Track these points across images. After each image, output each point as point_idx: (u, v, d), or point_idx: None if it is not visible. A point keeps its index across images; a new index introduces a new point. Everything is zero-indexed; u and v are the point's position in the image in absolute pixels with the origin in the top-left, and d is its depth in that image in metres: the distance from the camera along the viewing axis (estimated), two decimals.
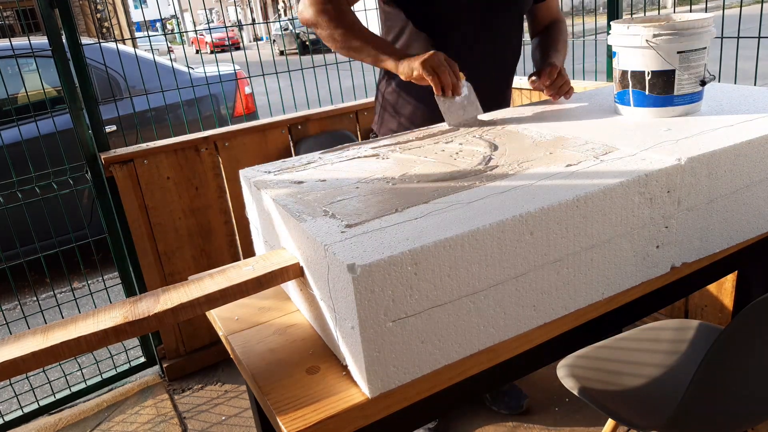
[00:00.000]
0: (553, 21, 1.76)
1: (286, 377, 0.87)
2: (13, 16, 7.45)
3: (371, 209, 0.92)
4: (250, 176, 1.15)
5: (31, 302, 3.36)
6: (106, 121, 2.24)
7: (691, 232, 1.07)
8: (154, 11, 6.23)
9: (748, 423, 1.12)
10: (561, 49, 1.66)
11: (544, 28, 1.76)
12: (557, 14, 1.78)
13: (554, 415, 1.93)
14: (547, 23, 1.76)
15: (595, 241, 0.95)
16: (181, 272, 2.33)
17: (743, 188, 1.12)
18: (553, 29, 1.73)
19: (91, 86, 2.12)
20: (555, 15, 1.77)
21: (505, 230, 0.84)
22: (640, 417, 1.21)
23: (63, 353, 0.81)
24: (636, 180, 0.96)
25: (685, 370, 1.34)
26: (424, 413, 0.90)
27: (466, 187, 0.98)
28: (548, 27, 1.75)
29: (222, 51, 11.30)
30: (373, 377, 0.80)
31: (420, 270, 0.78)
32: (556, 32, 1.72)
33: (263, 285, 0.93)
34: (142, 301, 0.89)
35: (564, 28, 1.75)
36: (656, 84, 1.25)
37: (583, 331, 1.01)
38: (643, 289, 1.05)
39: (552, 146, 1.15)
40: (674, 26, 1.20)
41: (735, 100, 1.35)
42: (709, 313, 2.07)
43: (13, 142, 2.33)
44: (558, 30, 1.73)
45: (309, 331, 0.99)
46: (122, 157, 2.13)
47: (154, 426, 2.16)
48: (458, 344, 0.86)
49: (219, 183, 2.33)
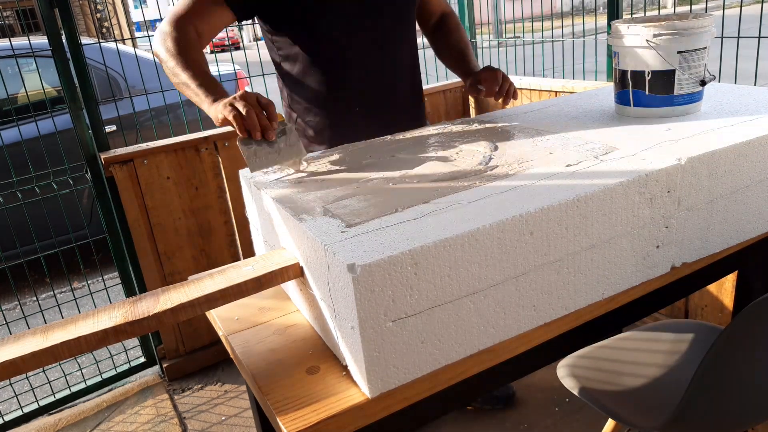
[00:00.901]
0: (445, 14, 1.70)
1: (286, 377, 0.87)
2: (13, 16, 7.45)
3: (371, 209, 0.92)
4: (250, 176, 1.15)
5: (31, 302, 3.35)
6: (106, 121, 2.24)
7: (691, 232, 1.07)
8: (154, 11, 6.21)
9: (748, 423, 1.12)
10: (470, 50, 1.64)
11: (438, 22, 1.69)
12: (446, 5, 1.72)
13: (554, 415, 1.93)
14: (438, 15, 1.70)
15: (595, 241, 0.95)
16: (181, 272, 2.32)
17: (743, 188, 1.12)
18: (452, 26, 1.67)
19: (91, 86, 2.12)
20: (444, 6, 1.72)
21: (505, 230, 0.84)
22: (640, 417, 1.21)
23: (63, 353, 0.81)
24: (636, 180, 0.95)
25: (685, 370, 1.34)
26: (424, 413, 0.90)
27: (466, 187, 0.98)
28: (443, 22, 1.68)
29: (222, 51, 11.29)
30: (373, 377, 0.80)
31: (420, 270, 0.78)
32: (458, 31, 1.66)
33: (263, 285, 0.93)
34: (141, 301, 0.89)
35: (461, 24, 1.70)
36: (656, 84, 1.25)
37: (583, 331, 1.01)
38: (643, 289, 1.05)
39: (552, 146, 1.15)
40: (674, 26, 1.20)
41: (735, 100, 1.35)
42: (709, 313, 2.07)
43: (13, 142, 2.33)
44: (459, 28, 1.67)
45: (309, 331, 0.99)
46: (122, 157, 2.13)
47: (154, 426, 2.16)
48: (458, 344, 0.86)
49: (219, 183, 2.33)
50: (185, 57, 1.31)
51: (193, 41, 1.36)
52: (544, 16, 3.76)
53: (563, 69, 2.89)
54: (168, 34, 1.34)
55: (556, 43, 3.09)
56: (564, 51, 2.94)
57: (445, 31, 1.68)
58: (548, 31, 3.61)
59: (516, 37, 3.11)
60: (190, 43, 1.35)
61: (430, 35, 1.71)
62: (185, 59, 1.31)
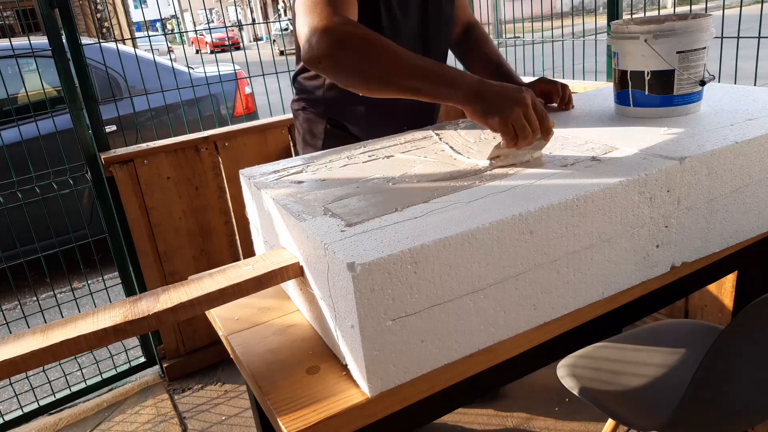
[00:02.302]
0: (471, 24, 1.68)
1: (286, 377, 0.87)
2: (13, 16, 7.45)
3: (371, 208, 0.92)
4: (250, 176, 1.15)
5: (31, 302, 3.36)
6: (106, 121, 2.24)
7: (691, 231, 1.07)
8: (154, 11, 6.22)
9: (748, 423, 1.12)
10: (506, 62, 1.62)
11: (464, 32, 1.67)
12: (471, 15, 1.70)
13: (554, 415, 1.93)
14: (463, 25, 1.67)
15: (594, 240, 0.95)
16: (181, 272, 2.33)
17: (743, 188, 1.12)
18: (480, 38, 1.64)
19: (91, 86, 2.12)
20: (469, 16, 1.69)
21: (504, 229, 0.84)
22: (640, 417, 1.21)
23: (63, 352, 0.81)
24: (636, 179, 0.96)
25: (685, 370, 1.34)
26: (424, 413, 0.90)
27: (465, 186, 0.98)
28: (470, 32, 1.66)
29: (222, 51, 11.30)
30: (373, 376, 0.80)
31: (420, 269, 0.78)
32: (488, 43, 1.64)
33: (263, 285, 0.93)
34: (141, 301, 0.89)
35: (487, 35, 1.68)
36: (656, 84, 1.25)
37: (583, 331, 1.01)
38: (643, 288, 1.05)
39: (552, 146, 1.15)
40: (674, 26, 1.20)
41: (735, 100, 1.35)
42: (709, 313, 2.07)
43: (13, 142, 2.33)
44: (487, 39, 1.65)
45: (309, 331, 0.99)
46: (122, 157, 2.13)
47: (154, 426, 2.16)
48: (458, 343, 0.86)
49: (219, 183, 2.34)
50: (391, 46, 1.04)
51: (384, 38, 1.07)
52: (544, 16, 3.76)
53: (563, 69, 2.89)
54: (345, 33, 1.05)
55: (556, 43, 3.09)
56: (564, 51, 2.94)
57: (474, 44, 1.66)
58: (548, 31, 3.61)
59: (516, 37, 3.11)
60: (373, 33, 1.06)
61: (456, 46, 1.69)
62: (395, 48, 1.04)
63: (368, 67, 1.04)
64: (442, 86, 1.02)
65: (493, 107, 0.98)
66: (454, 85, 1.00)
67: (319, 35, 1.05)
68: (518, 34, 3.18)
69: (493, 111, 0.98)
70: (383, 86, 1.06)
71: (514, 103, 0.97)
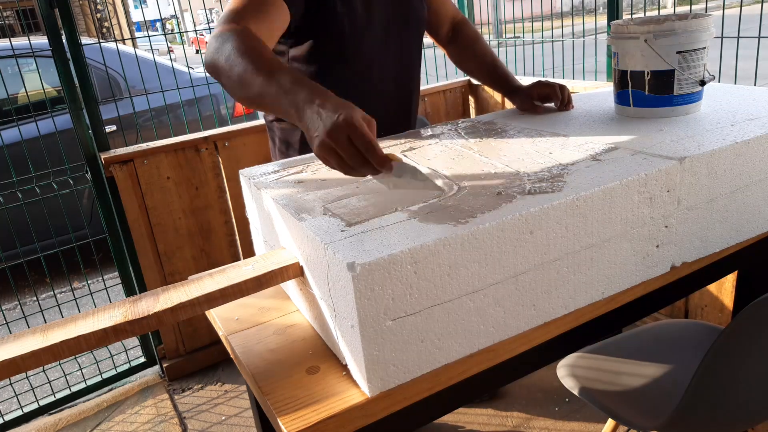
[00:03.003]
0: (459, 22, 1.65)
1: (286, 377, 0.87)
2: (13, 16, 7.45)
3: (371, 208, 0.92)
4: (250, 176, 1.15)
5: (31, 302, 3.36)
6: (106, 121, 2.24)
7: (691, 231, 1.07)
8: (154, 11, 6.22)
9: (748, 423, 1.12)
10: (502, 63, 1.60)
11: (452, 31, 1.64)
12: (456, 11, 1.67)
13: (554, 415, 1.93)
14: (450, 24, 1.64)
15: (594, 240, 0.95)
16: (181, 272, 2.33)
17: (743, 188, 1.12)
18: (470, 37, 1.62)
19: (91, 86, 2.12)
20: (455, 12, 1.65)
21: (504, 229, 0.84)
22: (640, 417, 1.21)
23: (63, 352, 0.81)
24: (636, 179, 0.96)
25: (685, 370, 1.34)
26: (424, 413, 0.90)
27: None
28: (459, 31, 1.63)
29: None
30: (372, 376, 0.80)
31: (420, 269, 0.78)
32: (480, 42, 1.62)
33: (263, 284, 0.93)
34: (141, 301, 0.89)
35: (478, 33, 1.65)
36: (656, 84, 1.25)
37: (583, 331, 1.01)
38: (643, 288, 1.05)
39: (552, 146, 1.15)
40: (673, 26, 1.20)
41: (735, 100, 1.35)
42: (709, 313, 2.07)
43: (13, 142, 2.33)
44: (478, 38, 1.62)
45: (309, 331, 0.99)
46: (122, 157, 2.13)
47: (154, 426, 2.16)
48: (458, 343, 0.86)
49: (219, 183, 2.33)
50: (254, 58, 0.99)
51: (260, 42, 1.05)
52: (544, 16, 3.76)
53: (563, 69, 2.89)
54: (227, 37, 1.04)
55: (556, 43, 3.09)
56: (564, 51, 2.94)
57: (465, 43, 1.63)
58: (548, 31, 3.61)
59: (516, 37, 3.12)
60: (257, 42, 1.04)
61: (445, 46, 1.66)
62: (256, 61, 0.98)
63: (227, 79, 1.02)
64: (279, 106, 0.93)
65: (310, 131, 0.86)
66: (289, 102, 0.90)
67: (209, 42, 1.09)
68: (518, 34, 3.18)
69: (316, 141, 0.84)
70: (242, 102, 1.03)
71: (330, 121, 0.82)
